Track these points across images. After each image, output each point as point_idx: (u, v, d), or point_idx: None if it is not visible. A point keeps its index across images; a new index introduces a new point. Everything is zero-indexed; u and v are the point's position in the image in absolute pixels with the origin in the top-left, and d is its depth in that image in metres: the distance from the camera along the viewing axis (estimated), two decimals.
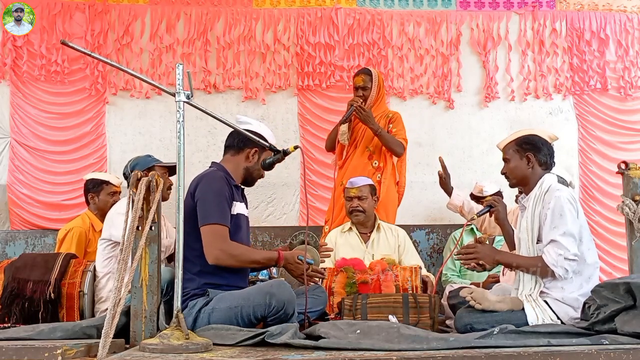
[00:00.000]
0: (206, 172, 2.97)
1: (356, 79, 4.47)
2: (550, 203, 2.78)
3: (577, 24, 5.82)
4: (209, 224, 2.76)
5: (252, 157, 2.99)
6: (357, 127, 4.46)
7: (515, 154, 2.98)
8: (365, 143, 4.43)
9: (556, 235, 2.73)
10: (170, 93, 2.42)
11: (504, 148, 3.04)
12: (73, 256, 3.53)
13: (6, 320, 3.22)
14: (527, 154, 2.95)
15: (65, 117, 5.37)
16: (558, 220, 2.74)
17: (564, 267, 2.71)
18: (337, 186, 4.42)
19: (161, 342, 2.17)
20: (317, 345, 2.27)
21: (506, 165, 3.02)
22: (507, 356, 2.12)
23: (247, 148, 2.99)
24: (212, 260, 2.75)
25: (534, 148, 2.96)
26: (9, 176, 5.24)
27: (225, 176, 2.92)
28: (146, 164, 3.67)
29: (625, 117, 5.79)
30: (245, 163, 3.00)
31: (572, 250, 2.71)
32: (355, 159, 4.43)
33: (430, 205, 5.57)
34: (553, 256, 2.72)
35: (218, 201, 2.80)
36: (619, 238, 5.36)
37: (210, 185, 2.83)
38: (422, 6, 5.78)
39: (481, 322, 2.74)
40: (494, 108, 5.75)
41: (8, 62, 5.31)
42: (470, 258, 2.89)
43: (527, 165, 2.95)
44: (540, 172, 2.94)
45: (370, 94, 4.43)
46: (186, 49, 5.49)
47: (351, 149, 4.46)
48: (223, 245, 2.75)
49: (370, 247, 3.98)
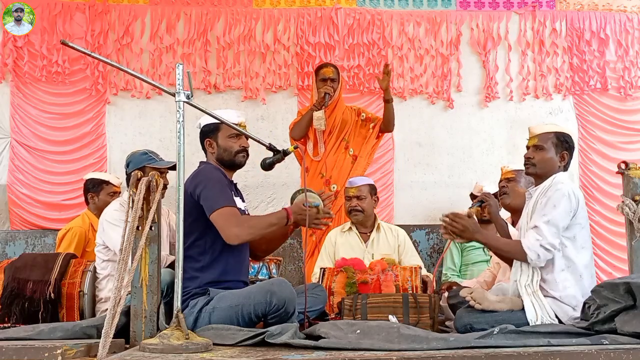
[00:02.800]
0: (199, 168, 3.01)
1: (325, 70, 4.48)
2: (550, 193, 2.80)
3: (577, 24, 5.82)
4: (218, 209, 2.76)
5: (211, 147, 3.02)
6: (330, 117, 4.48)
7: (553, 147, 2.94)
8: (340, 133, 4.48)
9: (540, 222, 2.75)
10: (170, 93, 2.42)
11: (541, 135, 2.96)
12: (73, 256, 3.53)
13: (6, 320, 3.22)
14: (564, 152, 2.94)
15: (66, 117, 5.37)
16: (549, 209, 2.76)
17: (537, 253, 2.73)
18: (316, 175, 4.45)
19: (161, 342, 2.17)
20: (317, 345, 2.27)
21: (539, 152, 2.93)
22: (507, 356, 2.12)
23: (203, 142, 3.05)
24: (233, 239, 2.75)
25: (570, 148, 2.97)
26: (9, 176, 5.24)
27: (216, 168, 2.97)
28: (139, 162, 3.57)
29: (625, 117, 5.79)
30: (212, 155, 3.02)
31: (550, 239, 2.73)
32: (333, 151, 4.48)
33: (430, 206, 5.57)
34: (531, 240, 2.75)
35: (220, 188, 2.83)
36: (619, 238, 5.36)
37: (208, 176, 2.86)
38: (422, 6, 5.78)
39: (481, 322, 2.75)
40: (494, 108, 5.74)
41: (9, 63, 5.30)
42: (453, 227, 2.87)
43: (560, 162, 2.94)
44: (561, 171, 2.95)
45: (338, 86, 4.49)
46: (186, 49, 5.49)
47: (327, 139, 4.49)
48: (238, 221, 2.76)
49: (370, 246, 3.98)
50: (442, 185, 5.61)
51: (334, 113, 4.49)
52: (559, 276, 2.78)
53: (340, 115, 4.50)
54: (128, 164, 3.62)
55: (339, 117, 4.50)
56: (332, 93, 4.40)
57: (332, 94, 4.40)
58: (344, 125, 4.50)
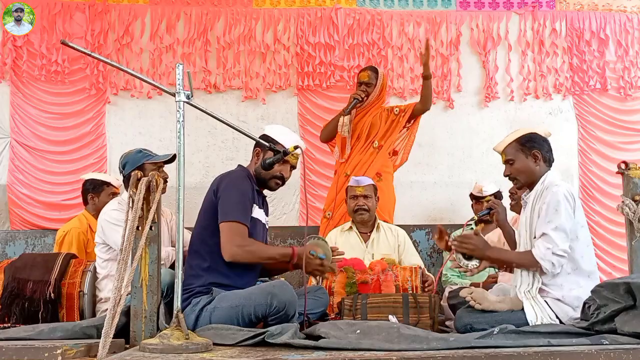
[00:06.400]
0: (231, 171, 3.00)
1: (362, 74, 4.50)
2: (547, 197, 2.78)
3: (577, 24, 5.82)
4: (229, 220, 2.76)
5: (257, 157, 3.02)
6: (360, 123, 4.48)
7: (519, 154, 2.94)
8: (370, 137, 4.45)
9: (548, 229, 2.73)
10: (170, 93, 2.42)
11: (505, 150, 2.99)
12: (73, 256, 3.52)
13: (6, 320, 3.22)
14: (533, 151, 2.92)
15: (66, 117, 5.37)
16: (552, 215, 2.74)
17: (551, 262, 2.71)
18: (341, 175, 4.42)
19: (161, 342, 2.17)
20: (317, 345, 2.27)
21: (510, 167, 2.96)
22: (507, 356, 2.12)
23: (255, 149, 3.05)
24: (228, 257, 2.75)
25: (538, 145, 2.94)
26: (9, 176, 5.24)
27: (249, 177, 2.95)
28: (136, 162, 3.52)
29: (625, 117, 5.79)
30: (254, 165, 3.03)
31: (561, 245, 2.71)
32: (359, 152, 4.45)
33: (430, 206, 5.57)
34: (542, 250, 2.72)
35: (240, 200, 2.81)
36: (619, 238, 5.36)
37: (234, 183, 2.86)
38: (422, 6, 5.79)
39: (481, 322, 2.74)
40: (493, 108, 5.75)
41: (8, 62, 5.31)
42: (464, 247, 2.87)
43: (535, 163, 2.92)
44: (545, 168, 2.93)
45: (373, 91, 4.45)
46: (186, 49, 5.49)
47: (355, 144, 4.47)
48: (241, 242, 2.75)
49: (370, 246, 3.97)
50: (442, 185, 5.61)
51: (364, 118, 4.47)
52: (566, 279, 2.76)
53: (370, 119, 4.46)
54: (124, 165, 3.56)
55: (368, 121, 4.46)
56: (362, 98, 4.39)
57: (362, 99, 4.39)
58: (373, 129, 4.45)
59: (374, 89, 4.44)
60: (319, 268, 2.87)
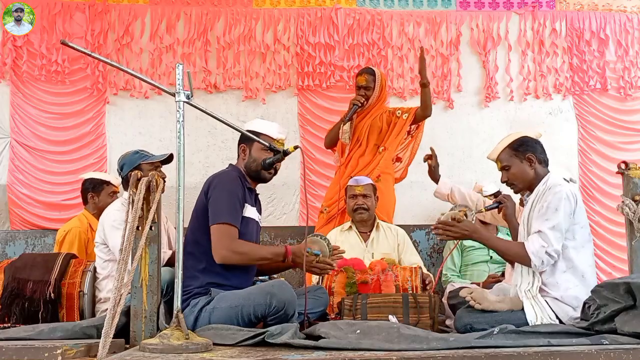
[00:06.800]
0: (221, 171, 2.99)
1: (359, 78, 4.46)
2: (549, 197, 2.79)
3: (577, 24, 5.82)
4: (219, 223, 2.76)
5: (244, 153, 3.01)
6: (359, 125, 4.46)
7: (514, 159, 2.96)
8: (373, 141, 4.43)
9: (545, 227, 2.75)
10: (170, 93, 2.42)
11: (499, 157, 3.01)
12: (73, 256, 3.52)
13: (6, 320, 3.22)
14: (527, 155, 2.95)
15: (66, 117, 5.37)
16: (551, 214, 2.76)
17: (542, 259, 2.73)
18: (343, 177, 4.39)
19: (161, 342, 2.16)
20: (317, 345, 2.27)
21: (507, 172, 2.98)
22: (507, 356, 2.12)
23: (240, 146, 3.03)
24: (219, 259, 2.75)
25: (532, 148, 2.96)
26: (9, 176, 5.24)
27: (239, 177, 2.93)
28: (133, 163, 3.55)
29: (625, 117, 5.79)
30: (243, 162, 3.01)
31: (555, 245, 2.73)
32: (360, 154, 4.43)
33: (430, 206, 5.55)
34: (536, 245, 2.74)
35: (230, 201, 2.80)
36: (619, 238, 5.36)
37: (223, 185, 2.84)
38: (422, 6, 5.78)
39: (481, 322, 2.75)
40: (493, 108, 5.75)
41: (8, 62, 5.30)
42: (448, 235, 2.85)
43: (530, 167, 2.94)
44: (542, 170, 2.94)
45: (373, 94, 4.43)
46: (186, 49, 5.49)
47: (355, 147, 4.46)
48: (231, 244, 2.74)
49: (370, 246, 3.97)
50: None
51: (364, 120, 4.45)
52: (560, 278, 2.77)
53: (370, 121, 4.44)
54: (122, 167, 3.59)
55: (368, 123, 4.43)
56: (361, 102, 4.36)
57: (361, 104, 4.36)
58: (373, 132, 4.42)
59: (373, 92, 4.43)
60: (315, 265, 2.86)
